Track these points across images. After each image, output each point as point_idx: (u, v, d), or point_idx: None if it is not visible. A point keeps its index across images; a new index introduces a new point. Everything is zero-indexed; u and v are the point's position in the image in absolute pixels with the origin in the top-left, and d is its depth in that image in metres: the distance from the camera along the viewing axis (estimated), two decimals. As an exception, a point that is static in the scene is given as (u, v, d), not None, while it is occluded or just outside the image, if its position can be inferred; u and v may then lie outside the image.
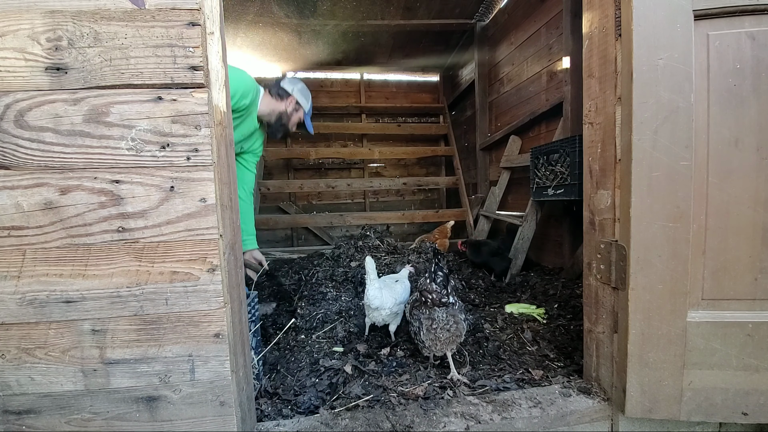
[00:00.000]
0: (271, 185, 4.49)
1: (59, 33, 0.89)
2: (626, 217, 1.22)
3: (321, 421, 1.30)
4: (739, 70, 1.15)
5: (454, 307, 1.61)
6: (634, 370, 1.25)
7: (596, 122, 1.38)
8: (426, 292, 1.62)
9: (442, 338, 1.58)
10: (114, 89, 0.92)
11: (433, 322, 1.58)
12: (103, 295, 0.96)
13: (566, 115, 2.76)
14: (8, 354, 0.96)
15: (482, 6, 4.09)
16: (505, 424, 1.29)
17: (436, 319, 1.58)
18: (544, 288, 2.71)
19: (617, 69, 1.27)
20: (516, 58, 3.72)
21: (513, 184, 3.81)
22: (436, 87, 5.88)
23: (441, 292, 1.59)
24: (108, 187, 0.93)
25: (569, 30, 2.68)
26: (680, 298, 1.20)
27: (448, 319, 1.58)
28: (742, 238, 1.18)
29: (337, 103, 5.49)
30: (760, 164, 1.16)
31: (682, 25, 1.14)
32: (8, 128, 0.89)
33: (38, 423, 0.99)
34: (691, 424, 1.35)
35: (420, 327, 1.61)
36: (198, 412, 1.02)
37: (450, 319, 1.58)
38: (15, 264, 0.93)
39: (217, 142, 0.98)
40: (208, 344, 1.00)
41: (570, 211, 2.86)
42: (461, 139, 5.24)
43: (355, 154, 5.41)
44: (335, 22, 4.13)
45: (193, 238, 0.97)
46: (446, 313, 1.58)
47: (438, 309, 1.59)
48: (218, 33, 1.00)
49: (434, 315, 1.58)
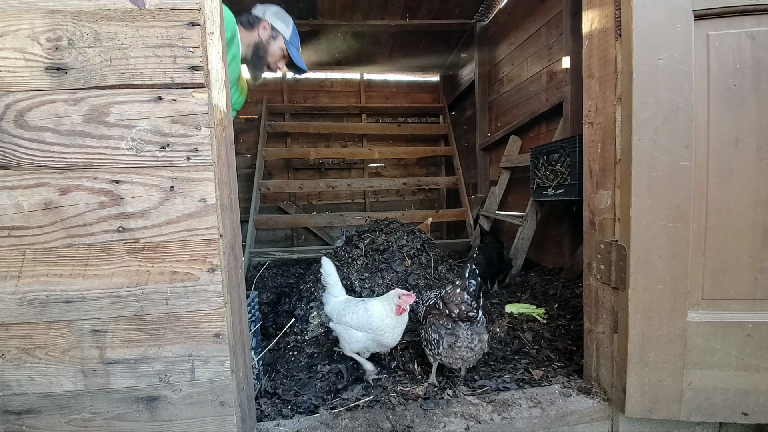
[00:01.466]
0: (271, 185, 4.49)
1: (59, 33, 0.89)
2: (626, 217, 1.22)
3: (321, 421, 1.30)
4: (739, 70, 1.15)
5: (480, 324, 1.47)
6: (634, 370, 1.25)
7: (596, 122, 1.38)
8: (452, 303, 1.44)
9: (465, 357, 1.45)
10: (114, 89, 0.92)
11: (457, 339, 1.43)
12: (103, 295, 0.96)
13: (566, 115, 2.76)
14: (8, 354, 0.96)
15: (482, 6, 4.09)
16: (505, 424, 1.29)
17: (461, 336, 1.43)
18: (544, 288, 2.71)
19: (617, 69, 1.27)
20: (516, 58, 3.72)
21: (513, 184, 3.81)
22: (436, 87, 5.88)
23: (471, 305, 1.42)
24: (108, 187, 0.93)
25: (569, 30, 2.68)
26: (680, 298, 1.20)
27: (473, 337, 1.44)
28: (742, 238, 1.18)
29: (337, 103, 5.49)
30: (760, 164, 1.16)
31: (682, 25, 1.14)
32: (8, 128, 0.89)
33: (38, 423, 0.99)
34: (691, 424, 1.35)
35: (439, 341, 1.47)
36: (198, 412, 1.02)
37: (475, 338, 1.44)
38: (15, 264, 0.93)
39: (217, 142, 0.98)
40: (208, 344, 1.00)
41: (570, 211, 2.85)
42: (461, 139, 5.24)
43: (355, 154, 5.41)
44: (335, 21, 4.13)
45: (193, 238, 0.97)
46: (471, 331, 1.44)
47: (463, 325, 1.44)
48: (218, 33, 1.00)
49: (458, 332, 1.44)
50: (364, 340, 1.60)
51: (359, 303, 1.67)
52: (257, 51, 1.85)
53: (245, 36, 1.85)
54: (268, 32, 1.85)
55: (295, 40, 1.93)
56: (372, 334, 1.58)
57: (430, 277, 2.51)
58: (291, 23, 1.91)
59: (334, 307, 1.74)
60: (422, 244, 2.68)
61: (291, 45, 1.89)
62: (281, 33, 1.86)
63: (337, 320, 1.69)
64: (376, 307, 1.60)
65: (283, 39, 1.87)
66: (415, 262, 2.55)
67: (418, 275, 2.46)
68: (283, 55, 1.90)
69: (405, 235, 2.68)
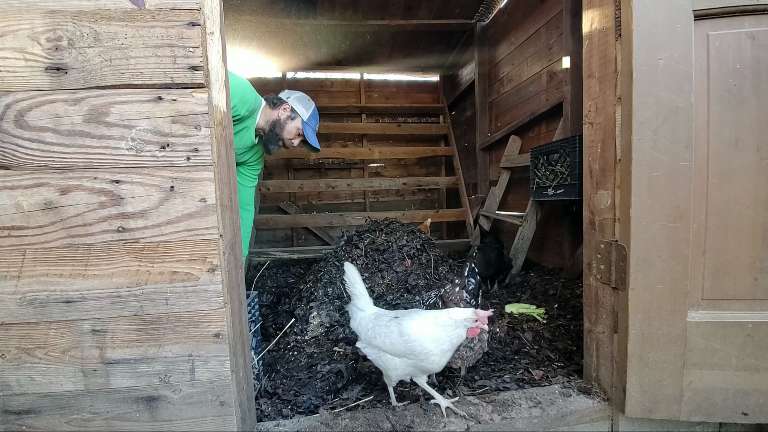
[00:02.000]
0: (271, 185, 4.49)
1: (59, 33, 0.89)
2: (626, 217, 1.22)
3: (321, 421, 1.30)
4: (739, 70, 1.15)
5: None
6: (634, 370, 1.25)
7: (596, 122, 1.38)
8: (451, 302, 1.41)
9: (464, 356, 1.44)
10: (114, 89, 0.92)
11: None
12: (103, 295, 0.96)
13: (566, 115, 2.76)
14: (8, 354, 0.96)
15: (482, 6, 4.09)
16: (505, 424, 1.29)
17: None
18: (544, 288, 2.71)
19: (617, 69, 1.27)
20: (516, 58, 3.72)
21: (513, 184, 3.81)
22: (436, 87, 5.88)
23: (470, 303, 1.40)
24: (108, 187, 0.93)
25: (569, 30, 2.68)
26: (680, 298, 1.20)
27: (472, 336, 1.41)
28: (742, 238, 1.18)
29: (337, 103, 5.49)
30: (760, 164, 1.16)
31: (682, 25, 1.14)
32: (8, 128, 0.89)
33: (38, 423, 0.99)
34: (691, 424, 1.35)
35: None
36: (198, 412, 1.02)
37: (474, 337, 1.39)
38: (15, 264, 0.93)
39: (217, 142, 0.98)
40: (208, 344, 1.00)
41: (570, 211, 2.86)
42: (461, 139, 5.24)
43: (355, 154, 5.41)
44: (335, 22, 4.13)
45: (193, 238, 0.97)
46: None
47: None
48: (218, 33, 1.00)
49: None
50: (403, 366, 1.32)
51: (391, 322, 1.36)
52: (274, 128, 2.11)
53: (268, 113, 2.12)
54: (287, 113, 2.12)
55: (313, 122, 2.19)
56: (414, 360, 1.30)
57: (430, 277, 2.51)
58: (312, 107, 2.19)
59: (360, 324, 1.45)
60: (422, 244, 2.68)
61: (307, 126, 2.16)
62: (299, 115, 2.14)
63: (366, 341, 1.42)
64: (415, 327, 1.30)
65: (301, 120, 2.14)
66: (415, 262, 2.55)
67: (418, 275, 2.46)
68: (297, 134, 2.16)
69: (405, 235, 2.69)
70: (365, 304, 1.50)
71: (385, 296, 2.30)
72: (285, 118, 2.12)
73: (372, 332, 1.38)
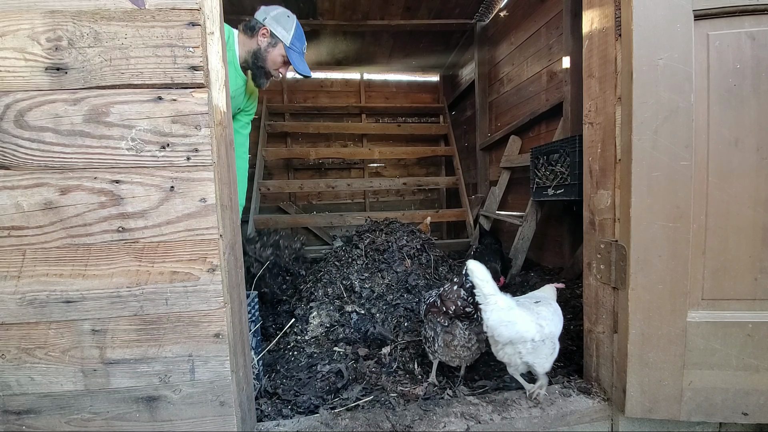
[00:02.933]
0: (271, 185, 4.49)
1: (59, 33, 0.89)
2: (626, 217, 1.22)
3: (321, 421, 1.30)
4: (739, 70, 1.15)
5: (479, 323, 1.40)
6: (634, 370, 1.25)
7: (596, 122, 1.38)
8: (449, 300, 1.41)
9: (462, 355, 1.46)
10: (114, 89, 0.92)
11: (453, 338, 1.42)
12: (103, 295, 0.96)
13: (566, 115, 2.76)
14: (8, 354, 0.96)
15: (482, 6, 4.09)
16: (505, 424, 1.29)
17: (458, 336, 1.42)
18: (544, 288, 2.71)
19: (617, 69, 1.27)
20: (516, 58, 3.72)
21: (513, 184, 3.80)
22: (436, 87, 5.88)
23: (467, 301, 1.39)
24: (108, 187, 0.93)
25: (569, 30, 2.68)
26: (680, 298, 1.20)
27: (470, 336, 1.42)
28: (742, 238, 1.18)
29: (337, 103, 5.48)
30: (760, 164, 1.16)
31: (682, 25, 1.14)
32: (8, 128, 0.89)
33: (38, 423, 0.99)
34: (691, 424, 1.35)
35: (435, 338, 1.47)
36: (198, 412, 1.02)
37: (473, 337, 1.42)
38: (15, 264, 0.93)
39: (217, 142, 0.98)
40: (208, 344, 1.00)
41: (570, 211, 2.85)
42: (461, 139, 5.24)
43: (355, 154, 5.40)
44: (335, 21, 4.13)
45: (193, 238, 0.97)
46: (469, 330, 1.42)
47: (460, 324, 1.42)
48: (218, 33, 1.00)
49: (455, 331, 1.42)
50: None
51: (540, 305, 1.37)
52: (256, 60, 1.83)
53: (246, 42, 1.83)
54: (267, 39, 1.82)
55: (298, 44, 1.87)
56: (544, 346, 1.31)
57: (430, 277, 2.51)
58: (293, 26, 1.85)
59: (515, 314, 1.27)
60: (422, 244, 2.68)
61: (292, 50, 1.84)
62: (281, 39, 1.82)
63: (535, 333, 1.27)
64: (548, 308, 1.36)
65: (283, 45, 1.83)
66: (415, 262, 2.55)
67: (418, 275, 2.46)
68: (283, 62, 1.86)
69: (405, 235, 2.68)
70: (502, 299, 1.31)
71: (385, 296, 2.30)
72: (266, 47, 1.82)
73: (539, 316, 1.30)
